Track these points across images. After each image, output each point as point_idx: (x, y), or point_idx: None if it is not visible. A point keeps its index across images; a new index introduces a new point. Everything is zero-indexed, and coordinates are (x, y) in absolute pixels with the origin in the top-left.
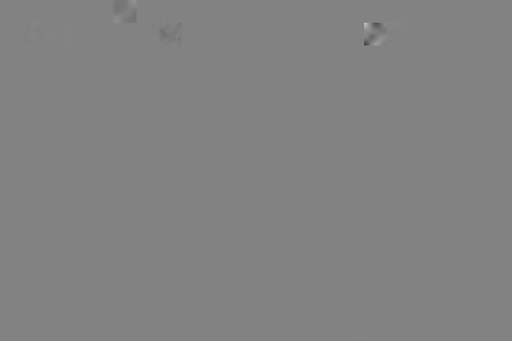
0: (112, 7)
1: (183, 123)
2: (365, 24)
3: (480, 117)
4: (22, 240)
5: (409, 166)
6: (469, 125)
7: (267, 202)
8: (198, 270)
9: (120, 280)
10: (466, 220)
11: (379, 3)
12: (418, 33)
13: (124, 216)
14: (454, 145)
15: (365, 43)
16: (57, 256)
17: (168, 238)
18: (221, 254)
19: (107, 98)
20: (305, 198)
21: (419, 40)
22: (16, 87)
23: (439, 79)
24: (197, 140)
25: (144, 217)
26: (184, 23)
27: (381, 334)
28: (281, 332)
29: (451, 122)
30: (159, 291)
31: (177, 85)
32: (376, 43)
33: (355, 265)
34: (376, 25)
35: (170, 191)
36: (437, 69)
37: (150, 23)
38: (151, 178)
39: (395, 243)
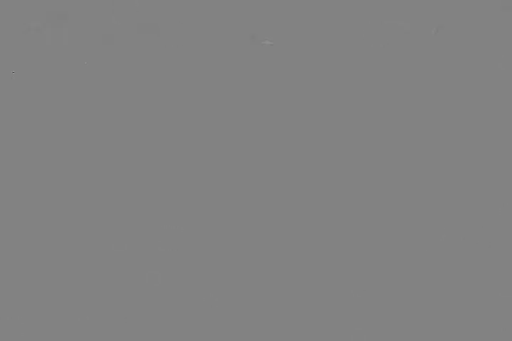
0: (111, 7)
1: (183, 123)
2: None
3: (480, 117)
4: (22, 240)
5: (409, 167)
6: (469, 125)
7: (267, 202)
8: (197, 270)
9: (120, 280)
10: (465, 221)
11: (379, 3)
12: (418, 33)
13: (123, 216)
14: (454, 145)
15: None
16: (58, 256)
17: (168, 238)
18: (221, 254)
19: (107, 98)
20: (305, 199)
21: (420, 40)
22: (16, 86)
23: (438, 79)
24: (197, 140)
25: (144, 217)
26: (184, 23)
27: (381, 334)
28: (281, 332)
29: (452, 122)
30: (159, 291)
31: (177, 85)
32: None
33: (355, 265)
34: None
35: (170, 190)
36: (437, 70)
37: (151, 23)
38: (151, 178)
39: (395, 243)
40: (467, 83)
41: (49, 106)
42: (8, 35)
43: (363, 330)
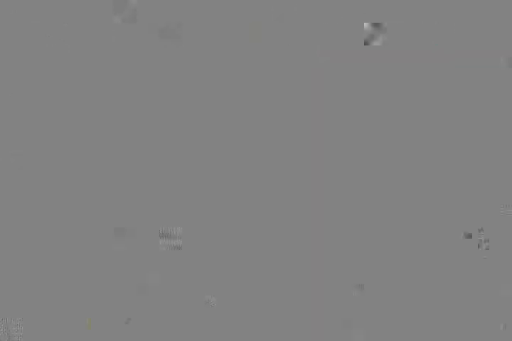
0: (111, 7)
1: (183, 122)
2: (365, 24)
3: (480, 117)
4: (22, 240)
5: (409, 167)
6: (469, 125)
7: (267, 202)
8: (197, 270)
9: (120, 280)
10: (465, 221)
11: (379, 3)
12: (418, 33)
13: (123, 216)
14: (453, 145)
15: (365, 43)
16: (57, 256)
17: (167, 238)
18: (221, 254)
19: (107, 98)
20: (305, 198)
21: (419, 40)
22: (16, 87)
23: (438, 80)
24: (197, 140)
25: (143, 218)
26: (184, 23)
27: (381, 334)
28: (281, 332)
29: (451, 122)
30: (157, 291)
31: (177, 85)
32: (376, 43)
33: (356, 265)
34: (376, 25)
35: (169, 191)
36: (437, 69)
37: (150, 23)
38: (151, 178)
39: (395, 243)
40: (467, 83)
41: (49, 107)
42: (9, 35)
43: (363, 330)
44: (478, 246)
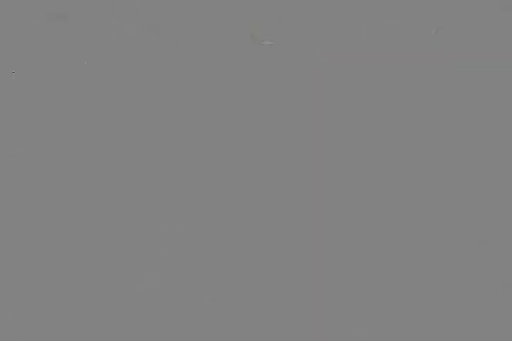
0: (111, 7)
1: (183, 123)
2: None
3: (480, 117)
4: (21, 240)
5: (410, 167)
6: (470, 125)
7: (267, 202)
8: (197, 270)
9: (120, 280)
10: (466, 220)
11: (379, 3)
12: (418, 33)
13: (122, 216)
14: (454, 145)
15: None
16: (57, 256)
17: (167, 238)
18: (221, 255)
19: (107, 98)
20: (306, 199)
21: (419, 40)
22: (16, 87)
23: (438, 80)
24: (197, 140)
25: (143, 218)
26: (184, 22)
27: (381, 334)
28: (281, 332)
29: (452, 123)
30: (157, 291)
31: (177, 85)
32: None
33: (356, 264)
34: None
35: (169, 191)
36: (437, 69)
37: (150, 23)
38: (150, 178)
39: (395, 243)
40: (467, 83)
41: (49, 107)
42: (8, 35)
43: (363, 330)
44: None
